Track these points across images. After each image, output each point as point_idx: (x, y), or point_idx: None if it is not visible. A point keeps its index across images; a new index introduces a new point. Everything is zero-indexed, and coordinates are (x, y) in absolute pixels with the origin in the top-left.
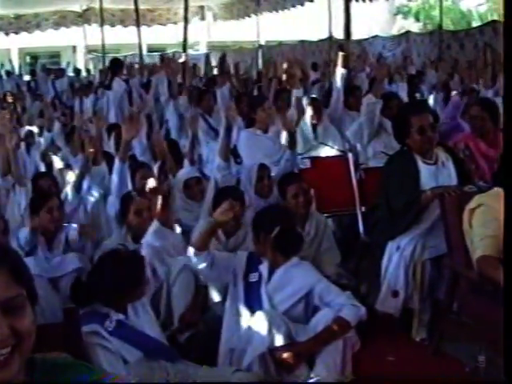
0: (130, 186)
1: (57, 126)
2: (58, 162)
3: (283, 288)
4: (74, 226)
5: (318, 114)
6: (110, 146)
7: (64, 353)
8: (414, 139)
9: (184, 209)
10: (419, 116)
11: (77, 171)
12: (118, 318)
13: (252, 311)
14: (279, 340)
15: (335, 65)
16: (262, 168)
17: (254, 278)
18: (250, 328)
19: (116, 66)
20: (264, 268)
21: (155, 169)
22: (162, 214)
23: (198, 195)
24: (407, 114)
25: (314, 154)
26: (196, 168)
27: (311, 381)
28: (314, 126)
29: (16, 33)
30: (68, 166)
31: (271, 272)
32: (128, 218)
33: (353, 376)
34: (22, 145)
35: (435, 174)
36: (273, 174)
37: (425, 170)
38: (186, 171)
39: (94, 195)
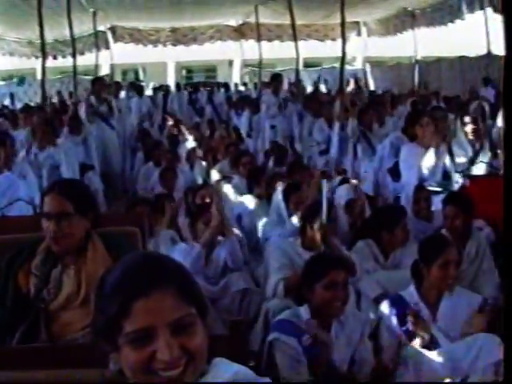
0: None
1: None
2: (215, 174)
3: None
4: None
5: (476, 133)
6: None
7: None
8: None
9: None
10: None
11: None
12: (316, 335)
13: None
14: None
15: None
16: (419, 190)
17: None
18: None
19: (275, 82)
20: (423, 310)
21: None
22: None
23: (357, 215)
24: None
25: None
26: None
27: None
28: (473, 143)
29: (173, 45)
30: (225, 178)
31: (433, 310)
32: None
33: None
34: (185, 162)
35: None
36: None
37: None
38: (348, 189)
39: None
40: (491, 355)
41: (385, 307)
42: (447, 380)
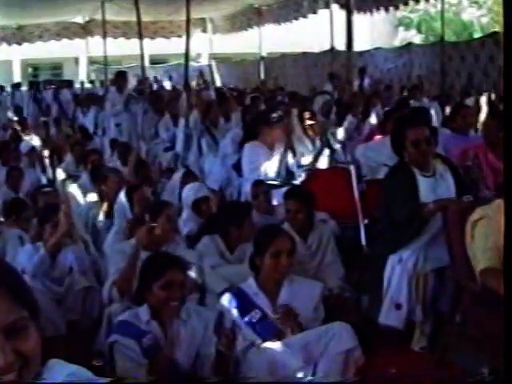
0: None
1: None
2: (60, 173)
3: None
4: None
5: (313, 127)
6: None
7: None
8: (410, 152)
9: (192, 220)
10: (414, 129)
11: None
12: (156, 336)
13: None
14: None
15: None
16: (257, 185)
17: (254, 316)
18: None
19: (120, 79)
20: (262, 300)
21: None
22: None
23: (206, 213)
24: (402, 127)
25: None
26: (203, 185)
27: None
28: (312, 139)
29: (18, 43)
30: (71, 177)
31: (273, 300)
32: None
33: None
34: (25, 159)
35: (433, 186)
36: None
37: (423, 183)
38: (194, 188)
39: None
40: (341, 344)
41: (225, 300)
42: (300, 373)
